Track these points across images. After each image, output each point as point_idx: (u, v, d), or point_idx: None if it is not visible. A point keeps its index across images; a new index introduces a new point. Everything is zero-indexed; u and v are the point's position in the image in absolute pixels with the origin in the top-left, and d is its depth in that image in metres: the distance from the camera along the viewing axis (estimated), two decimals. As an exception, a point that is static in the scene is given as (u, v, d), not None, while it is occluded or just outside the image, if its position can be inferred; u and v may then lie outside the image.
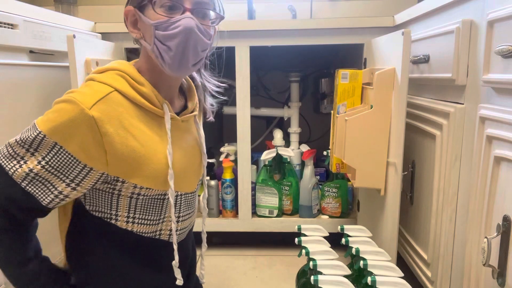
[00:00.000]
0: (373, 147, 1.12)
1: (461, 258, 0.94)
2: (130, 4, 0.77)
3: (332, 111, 1.38)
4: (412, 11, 1.24)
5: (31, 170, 0.69)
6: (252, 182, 1.58)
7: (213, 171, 1.70)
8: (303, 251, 1.05)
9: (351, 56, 1.67)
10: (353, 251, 1.03)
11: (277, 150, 1.62)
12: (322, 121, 1.95)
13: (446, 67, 0.96)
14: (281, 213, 1.63)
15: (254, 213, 1.63)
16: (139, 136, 0.73)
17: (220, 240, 1.68)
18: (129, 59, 1.58)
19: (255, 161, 1.81)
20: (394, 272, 0.95)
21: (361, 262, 0.97)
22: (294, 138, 1.78)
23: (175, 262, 0.82)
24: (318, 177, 1.75)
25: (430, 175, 1.06)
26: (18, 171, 0.69)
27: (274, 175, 1.65)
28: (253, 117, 1.60)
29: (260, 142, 1.93)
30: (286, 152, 1.62)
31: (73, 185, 0.71)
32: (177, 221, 0.85)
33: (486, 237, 0.74)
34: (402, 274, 0.94)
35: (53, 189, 0.71)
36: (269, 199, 1.60)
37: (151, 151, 0.75)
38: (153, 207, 0.79)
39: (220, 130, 1.92)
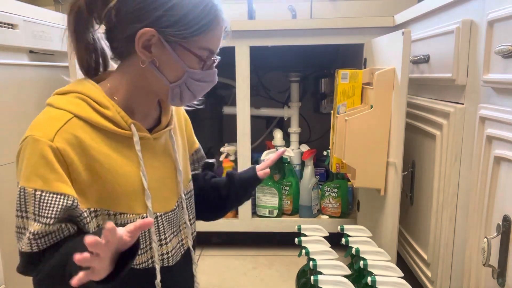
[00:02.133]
0: (373, 147, 1.12)
1: (461, 258, 0.94)
2: (150, 25, 0.65)
3: (332, 111, 1.38)
4: (412, 11, 1.24)
5: (26, 229, 0.66)
6: (252, 182, 1.58)
7: (213, 171, 1.70)
8: (303, 251, 1.05)
9: (351, 56, 1.67)
10: (353, 251, 1.03)
11: (277, 150, 1.62)
12: (322, 121, 1.95)
13: (446, 67, 0.96)
14: (281, 213, 1.63)
15: (254, 213, 1.63)
16: (105, 161, 0.68)
17: (220, 240, 1.68)
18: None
19: (255, 161, 1.81)
20: (394, 272, 0.95)
21: (361, 262, 0.97)
22: (294, 138, 1.78)
23: (157, 282, 0.75)
24: (318, 177, 1.75)
25: (430, 175, 1.06)
26: (25, 244, 0.65)
27: (274, 175, 1.65)
28: (253, 117, 1.60)
29: (260, 142, 1.93)
30: (286, 152, 1.62)
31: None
32: (161, 244, 0.77)
33: (486, 237, 0.74)
34: (402, 274, 0.94)
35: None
36: (269, 199, 1.60)
37: (120, 175, 0.70)
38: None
39: (220, 130, 1.92)
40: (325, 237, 1.13)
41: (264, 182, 1.59)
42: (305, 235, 1.14)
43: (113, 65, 0.77)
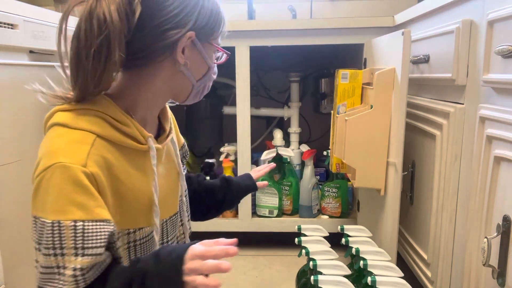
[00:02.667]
0: (373, 147, 1.12)
1: (461, 258, 0.94)
2: (191, 28, 0.68)
3: (332, 111, 1.38)
4: (412, 11, 1.24)
5: (64, 268, 0.57)
6: (252, 182, 1.58)
7: (213, 171, 1.70)
8: (303, 251, 1.05)
9: (351, 56, 1.67)
10: (353, 251, 1.03)
11: (277, 150, 1.62)
12: (322, 121, 1.96)
13: (446, 67, 0.96)
14: (281, 213, 1.63)
15: (254, 213, 1.63)
16: (126, 180, 0.66)
17: (220, 240, 1.68)
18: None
19: (255, 161, 1.81)
20: (394, 272, 0.95)
21: (361, 262, 0.97)
22: (294, 138, 1.78)
23: None
24: (318, 177, 1.75)
25: (430, 175, 1.06)
26: (67, 283, 0.57)
27: (274, 175, 1.65)
28: (253, 117, 1.60)
29: (260, 142, 1.93)
30: (286, 152, 1.62)
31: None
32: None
33: (486, 237, 0.74)
34: (402, 274, 0.95)
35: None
36: (269, 199, 1.60)
37: (138, 191, 0.68)
38: (150, 245, 0.72)
39: (220, 130, 1.92)
40: (325, 237, 1.13)
41: (264, 182, 1.60)
42: (305, 235, 1.14)
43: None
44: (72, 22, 0.65)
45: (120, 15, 0.61)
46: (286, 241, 1.56)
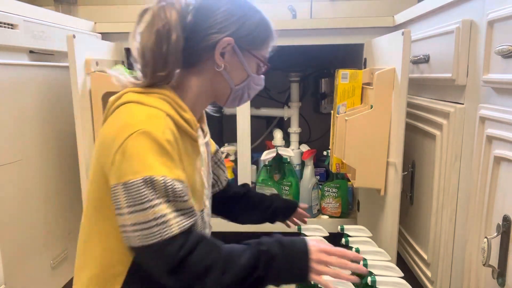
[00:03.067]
0: (373, 147, 1.12)
1: (461, 258, 0.94)
2: (229, 35, 0.76)
3: (332, 111, 1.38)
4: (412, 11, 1.24)
5: (163, 216, 0.64)
6: (252, 182, 1.58)
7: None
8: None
9: (351, 56, 1.67)
10: (353, 251, 1.03)
11: (277, 150, 1.62)
12: (322, 121, 1.95)
13: (446, 67, 0.96)
14: (281, 213, 1.63)
15: (254, 213, 1.63)
16: (183, 159, 0.72)
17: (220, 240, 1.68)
18: (129, 59, 1.58)
19: (255, 161, 1.81)
20: (394, 272, 0.95)
21: (361, 262, 0.97)
22: (294, 138, 1.78)
23: None
24: (318, 177, 1.75)
25: (430, 175, 1.06)
26: (175, 226, 0.65)
27: (274, 175, 1.65)
28: (253, 117, 1.60)
29: (260, 142, 1.93)
30: (286, 152, 1.62)
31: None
32: None
33: (486, 237, 0.74)
34: (402, 274, 0.94)
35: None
36: (269, 199, 1.60)
37: (188, 174, 0.73)
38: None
39: (220, 130, 1.92)
40: (325, 237, 1.13)
41: (264, 182, 1.60)
42: (305, 235, 1.14)
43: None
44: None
45: (178, 14, 0.73)
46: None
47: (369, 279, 0.90)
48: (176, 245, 0.65)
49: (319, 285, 0.90)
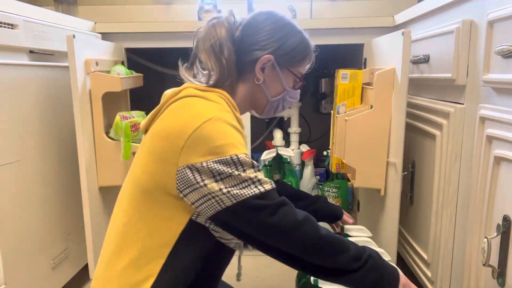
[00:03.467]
0: (373, 147, 1.12)
1: (461, 258, 0.94)
2: (270, 52, 0.84)
3: (332, 111, 1.38)
4: (412, 11, 1.24)
5: (256, 177, 0.73)
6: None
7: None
8: None
9: (351, 56, 1.67)
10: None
11: (277, 150, 1.62)
12: (322, 121, 1.95)
13: (446, 67, 0.96)
14: (281, 213, 1.63)
15: (254, 213, 1.63)
16: None
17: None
18: (129, 59, 1.58)
19: (255, 161, 1.81)
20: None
21: None
22: (294, 138, 1.78)
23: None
24: (318, 177, 1.75)
25: (430, 175, 1.06)
26: (267, 183, 0.73)
27: (274, 175, 1.65)
28: (253, 117, 1.60)
29: (260, 142, 1.93)
30: (286, 152, 1.62)
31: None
32: None
33: (486, 237, 0.74)
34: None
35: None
36: (269, 199, 1.60)
37: None
38: None
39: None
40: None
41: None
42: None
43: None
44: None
45: (226, 31, 0.83)
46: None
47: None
48: (274, 193, 0.73)
49: (318, 285, 0.91)
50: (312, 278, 0.92)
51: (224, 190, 0.70)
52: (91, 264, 1.24)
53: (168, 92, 0.82)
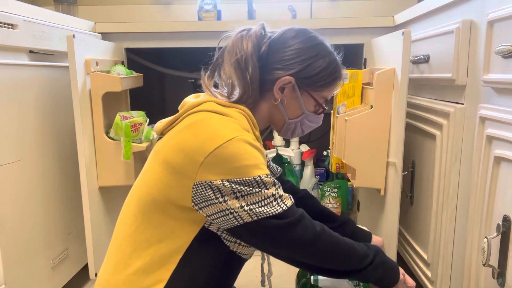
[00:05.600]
0: (373, 147, 1.12)
1: (461, 258, 0.94)
2: (291, 74, 0.81)
3: (332, 111, 1.38)
4: (412, 11, 1.24)
5: (278, 193, 0.73)
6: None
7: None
8: None
9: (351, 56, 1.67)
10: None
11: (277, 150, 1.62)
12: (322, 121, 1.95)
13: (446, 67, 0.96)
14: (281, 213, 1.63)
15: (254, 213, 1.63)
16: None
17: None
18: (129, 59, 1.58)
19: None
20: None
21: None
22: (294, 138, 1.78)
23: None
24: (318, 177, 1.75)
25: (430, 175, 1.06)
26: (288, 199, 0.74)
27: (274, 175, 1.65)
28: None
29: (260, 142, 1.93)
30: (286, 152, 1.62)
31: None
32: None
33: (486, 237, 0.74)
34: None
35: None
36: (269, 199, 1.60)
37: None
38: None
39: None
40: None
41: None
42: None
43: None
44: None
45: (253, 46, 0.80)
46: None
47: None
48: (293, 208, 0.74)
49: (318, 285, 0.91)
50: (312, 277, 0.92)
51: (246, 208, 0.70)
52: (91, 264, 1.24)
53: (188, 101, 0.80)
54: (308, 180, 1.61)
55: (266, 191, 0.71)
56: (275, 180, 0.74)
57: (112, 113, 1.31)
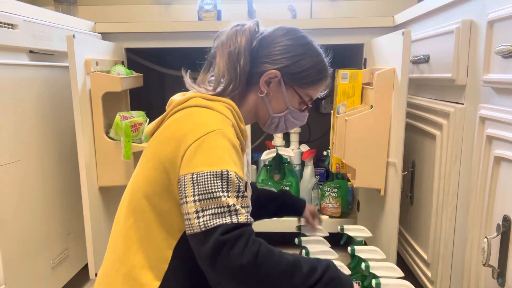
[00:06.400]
0: (373, 147, 1.12)
1: (461, 258, 0.94)
2: (277, 69, 0.83)
3: (332, 111, 1.38)
4: (412, 11, 1.24)
5: (234, 205, 0.68)
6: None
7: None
8: (303, 251, 1.05)
9: (351, 56, 1.67)
10: (349, 250, 1.03)
11: (277, 150, 1.62)
12: (322, 121, 1.95)
13: (446, 67, 0.96)
14: (281, 213, 1.63)
15: (254, 213, 1.63)
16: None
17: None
18: (129, 59, 1.58)
19: (255, 161, 1.81)
20: (394, 272, 0.95)
21: (363, 264, 0.97)
22: (294, 138, 1.78)
23: None
24: (318, 177, 1.75)
25: (430, 175, 1.06)
26: (243, 216, 0.68)
27: (274, 175, 1.65)
28: (253, 117, 1.60)
29: (260, 142, 1.93)
30: (286, 152, 1.62)
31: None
32: None
33: (486, 237, 0.74)
34: (403, 274, 0.95)
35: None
36: (269, 199, 1.59)
37: None
38: None
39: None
40: (325, 237, 1.13)
41: (264, 182, 1.60)
42: (305, 235, 1.14)
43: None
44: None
45: (246, 40, 0.82)
46: (286, 241, 1.56)
47: (373, 281, 0.90)
48: (249, 230, 0.69)
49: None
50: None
51: (200, 214, 0.67)
52: (91, 264, 1.24)
53: (175, 99, 0.82)
54: (308, 180, 1.61)
55: (223, 198, 0.67)
56: (241, 186, 0.70)
57: (112, 113, 1.31)
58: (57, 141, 1.24)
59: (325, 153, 1.59)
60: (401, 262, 1.23)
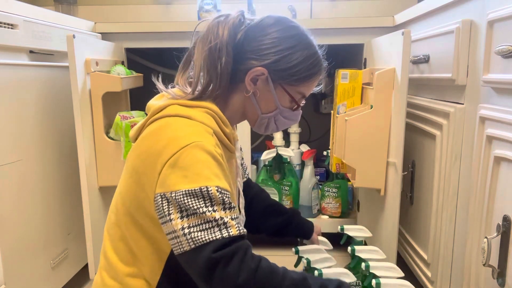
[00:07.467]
0: (373, 147, 1.12)
1: (461, 258, 0.94)
2: (264, 65, 0.75)
3: (332, 111, 1.38)
4: (412, 11, 1.24)
5: (222, 218, 0.64)
6: (252, 182, 1.58)
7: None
8: (304, 261, 1.02)
9: (351, 56, 1.67)
10: (349, 250, 1.03)
11: (277, 150, 1.62)
12: (322, 121, 1.95)
13: (446, 67, 0.96)
14: (281, 213, 1.63)
15: (254, 213, 1.63)
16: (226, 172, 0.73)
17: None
18: (129, 59, 1.58)
19: (255, 161, 1.81)
20: (394, 272, 0.95)
21: (363, 264, 0.97)
22: (294, 138, 1.78)
23: None
24: (318, 177, 1.75)
25: (430, 175, 1.06)
26: (233, 228, 0.64)
27: (274, 175, 1.65)
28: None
29: (260, 142, 1.93)
30: (286, 152, 1.62)
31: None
32: None
33: (486, 237, 0.74)
34: (403, 274, 0.94)
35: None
36: (269, 199, 1.59)
37: (230, 184, 0.72)
38: None
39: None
40: (325, 237, 1.13)
41: (264, 182, 1.60)
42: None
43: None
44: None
45: (229, 33, 0.74)
46: (286, 241, 1.56)
47: (373, 281, 0.89)
48: (244, 244, 0.65)
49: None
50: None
51: (186, 231, 0.63)
52: (91, 264, 1.24)
53: (153, 105, 0.75)
54: (308, 180, 1.61)
55: (208, 213, 0.63)
56: (225, 198, 0.65)
57: (112, 113, 1.31)
58: (57, 141, 1.24)
59: (325, 153, 1.59)
60: (401, 262, 1.23)
